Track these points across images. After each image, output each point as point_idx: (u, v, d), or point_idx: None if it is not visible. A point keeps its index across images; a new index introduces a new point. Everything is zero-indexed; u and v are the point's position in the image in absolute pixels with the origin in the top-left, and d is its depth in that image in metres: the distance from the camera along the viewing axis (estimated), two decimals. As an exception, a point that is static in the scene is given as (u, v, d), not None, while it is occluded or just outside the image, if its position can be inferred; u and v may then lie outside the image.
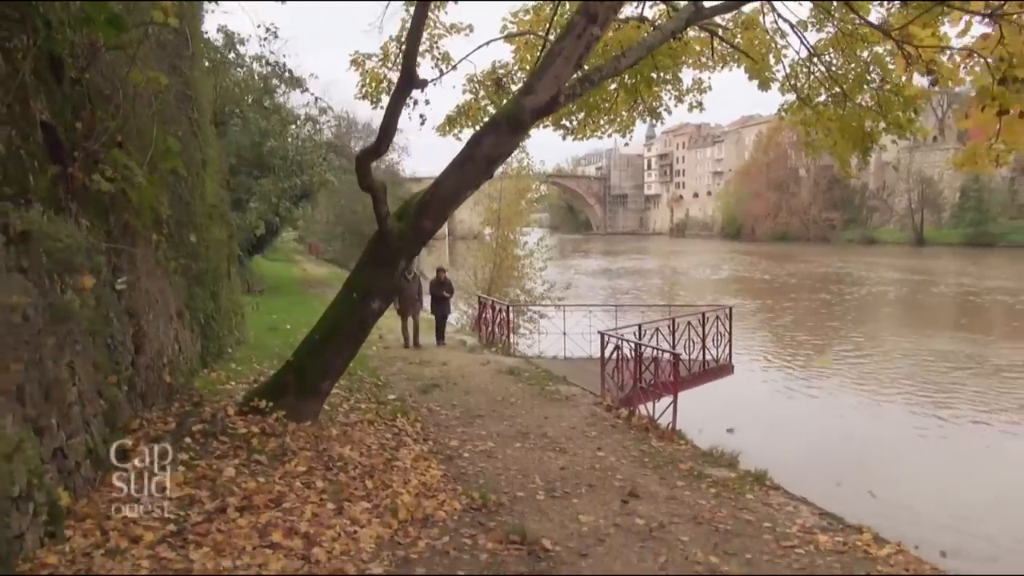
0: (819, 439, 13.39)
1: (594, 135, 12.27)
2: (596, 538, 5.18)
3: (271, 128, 21.21)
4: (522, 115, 6.59)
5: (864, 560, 4.97)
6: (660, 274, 54.97)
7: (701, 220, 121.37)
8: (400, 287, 13.22)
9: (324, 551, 4.59)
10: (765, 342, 24.44)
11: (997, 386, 18.61)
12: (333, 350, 7.14)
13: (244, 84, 20.76)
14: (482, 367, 11.63)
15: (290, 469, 6.00)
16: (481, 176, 6.92)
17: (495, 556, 4.79)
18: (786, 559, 4.93)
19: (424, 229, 7.02)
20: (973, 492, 11.02)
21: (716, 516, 5.65)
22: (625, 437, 7.84)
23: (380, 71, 10.31)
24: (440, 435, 7.70)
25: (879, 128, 10.27)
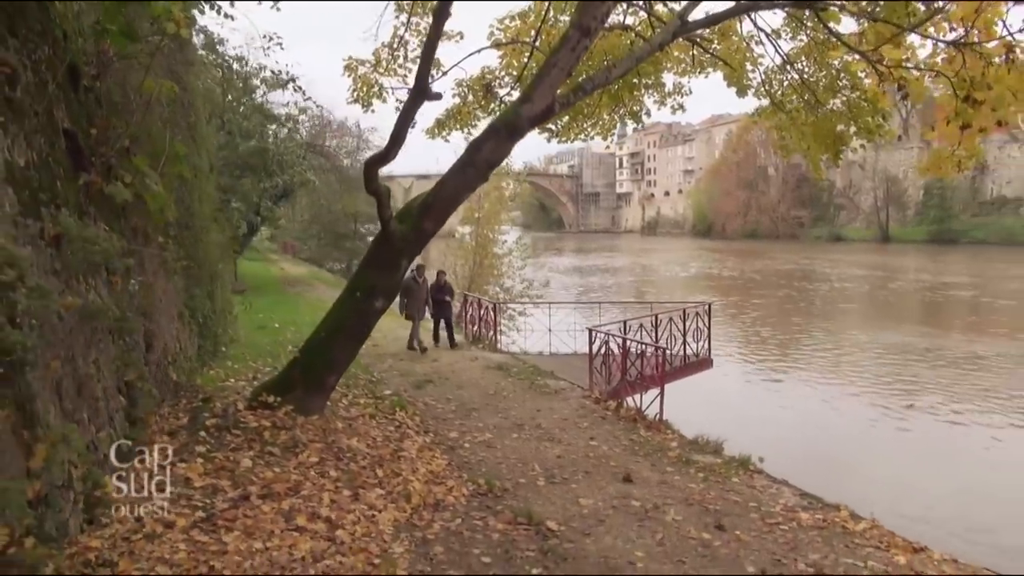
0: (792, 428, 14.03)
1: (578, 138, 12.67)
2: (596, 519, 5.57)
3: (252, 128, 21.32)
4: (520, 123, 6.96)
5: (842, 534, 5.42)
6: (631, 272, 55.70)
7: (672, 218, 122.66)
8: (410, 289, 13.39)
9: (347, 533, 4.92)
10: (736, 337, 25.14)
11: (957, 377, 19.51)
12: (338, 347, 7.45)
13: (225, 84, 20.84)
14: (471, 363, 11.98)
15: (303, 460, 6.30)
16: (480, 180, 7.29)
17: (506, 536, 5.15)
18: (772, 535, 5.36)
19: (426, 230, 7.35)
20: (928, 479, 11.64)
21: (706, 498, 6.07)
22: (615, 427, 8.24)
23: (372, 76, 10.59)
24: (439, 427, 8.05)
25: (850, 132, 10.79)
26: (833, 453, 12.20)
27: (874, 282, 44.07)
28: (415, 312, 13.59)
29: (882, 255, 63.87)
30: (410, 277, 13.59)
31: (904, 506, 9.11)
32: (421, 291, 13.69)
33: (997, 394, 17.35)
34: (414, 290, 13.54)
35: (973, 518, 9.83)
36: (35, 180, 4.90)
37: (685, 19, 7.55)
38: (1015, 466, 12.23)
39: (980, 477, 11.71)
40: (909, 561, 4.94)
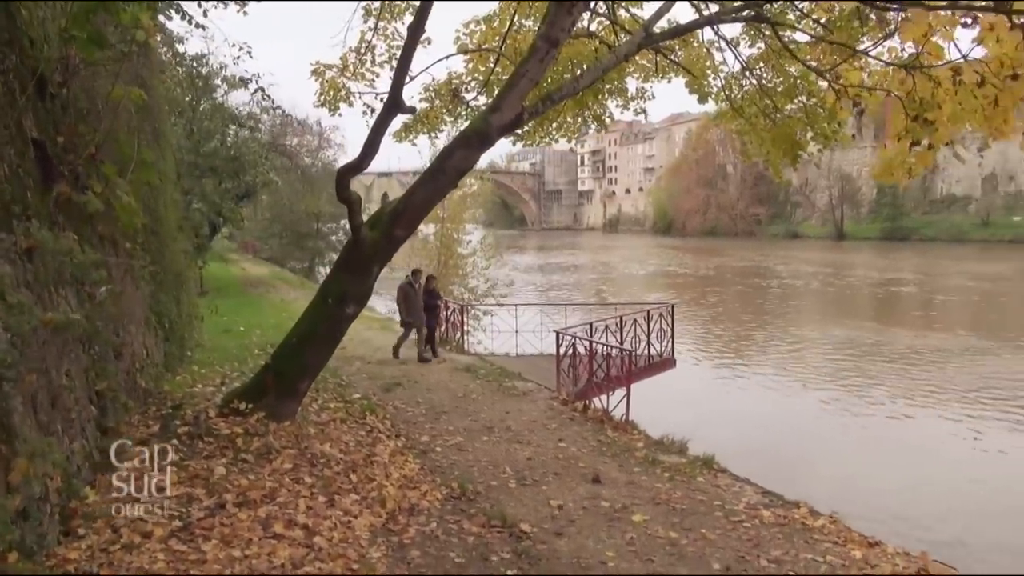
0: (751, 425, 14.46)
1: (543, 141, 12.84)
2: (568, 520, 5.74)
3: (213, 128, 21.08)
4: (489, 131, 7.09)
5: (802, 531, 5.66)
6: (592, 269, 56.25)
7: (633, 216, 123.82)
8: (407, 296, 13.03)
9: (325, 539, 5.00)
10: (693, 336, 25.88)
11: (900, 372, 20.32)
12: (310, 353, 7.49)
13: (185, 84, 20.57)
14: (439, 365, 12.08)
15: (277, 466, 6.35)
16: (451, 186, 7.41)
17: (480, 538, 5.29)
18: (736, 532, 5.58)
19: (397, 237, 7.43)
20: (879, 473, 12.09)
21: (672, 497, 6.28)
22: (583, 429, 8.43)
23: (339, 80, 10.62)
24: (410, 431, 8.14)
25: (807, 137, 11.11)
26: (789, 449, 12.63)
27: (825, 279, 45.31)
28: (417, 319, 13.01)
29: (834, 252, 65.45)
30: (406, 283, 13.34)
31: (856, 500, 9.48)
32: (419, 298, 13.17)
33: (939, 388, 18.14)
34: (412, 296, 13.06)
35: (923, 510, 10.25)
36: (7, 192, 4.90)
37: (650, 31, 7.75)
38: (958, 459, 12.81)
39: (927, 470, 12.21)
40: (865, 555, 5.19)
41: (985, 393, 17.36)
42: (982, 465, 12.55)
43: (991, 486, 11.41)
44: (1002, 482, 11.58)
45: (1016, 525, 9.93)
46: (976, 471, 12.19)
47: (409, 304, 12.97)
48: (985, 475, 11.96)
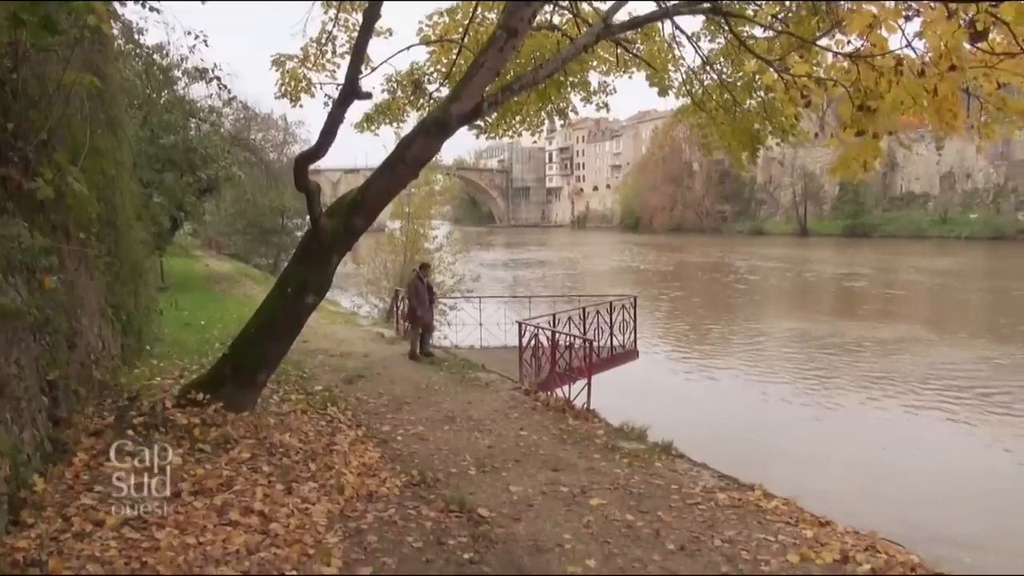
0: (710, 413, 14.84)
1: (507, 134, 12.86)
2: (526, 504, 5.78)
3: (173, 121, 20.76)
4: (449, 121, 7.10)
5: (756, 512, 5.77)
6: (559, 265, 56.54)
7: (601, 212, 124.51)
8: (417, 291, 12.76)
9: (281, 526, 4.99)
10: (654, 328, 26.42)
11: (850, 361, 21.00)
12: (269, 343, 7.45)
13: (144, 76, 20.22)
14: (403, 358, 12.07)
15: (235, 456, 6.32)
16: (410, 176, 7.40)
17: (438, 523, 5.31)
18: (691, 514, 5.68)
19: (356, 227, 7.41)
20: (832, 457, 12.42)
21: (630, 482, 6.36)
22: (544, 418, 8.48)
23: (300, 71, 10.53)
24: (371, 421, 8.13)
25: (766, 131, 11.28)
26: (746, 435, 12.92)
27: (782, 274, 46.15)
28: (429, 316, 12.75)
29: (795, 248, 66.55)
30: (416, 279, 13.09)
31: (811, 483, 9.70)
32: (427, 293, 12.90)
33: (887, 376, 18.74)
34: (423, 293, 12.77)
35: (873, 491, 10.51)
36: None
37: (609, 22, 7.82)
38: (907, 442, 13.24)
39: (878, 454, 12.57)
40: (816, 534, 5.31)
41: (924, 382, 18.05)
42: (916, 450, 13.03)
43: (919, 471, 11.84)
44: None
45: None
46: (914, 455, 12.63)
47: (421, 300, 12.68)
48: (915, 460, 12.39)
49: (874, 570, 4.73)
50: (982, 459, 12.47)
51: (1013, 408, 15.56)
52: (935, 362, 20.10)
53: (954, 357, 20.79)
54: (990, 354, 21.08)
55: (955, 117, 8.53)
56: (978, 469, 11.95)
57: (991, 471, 11.87)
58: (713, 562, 4.84)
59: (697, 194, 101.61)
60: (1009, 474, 11.77)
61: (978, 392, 16.84)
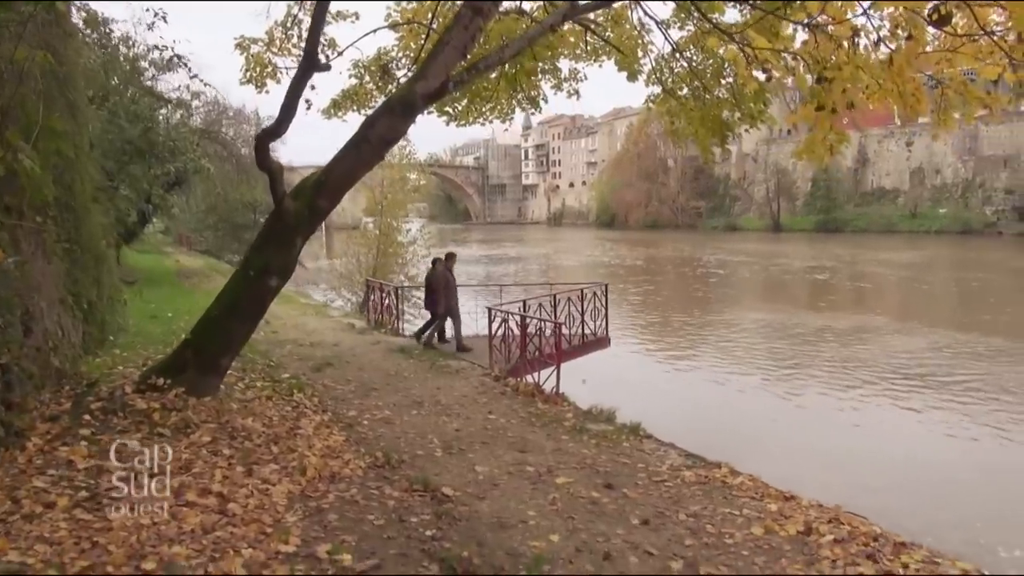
0: (679, 398, 15.01)
1: (476, 121, 12.76)
2: (492, 484, 5.73)
3: (140, 112, 20.42)
4: (414, 99, 7.00)
5: (722, 488, 5.77)
6: (532, 260, 56.54)
7: (577, 209, 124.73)
8: (448, 284, 12.72)
9: (239, 506, 4.89)
10: (624, 318, 26.56)
11: (810, 350, 21.31)
12: (232, 326, 7.32)
13: (110, 66, 19.89)
14: (373, 347, 11.95)
15: (195, 439, 6.19)
16: (375, 157, 7.29)
17: (401, 502, 5.24)
18: (657, 490, 5.66)
19: (320, 208, 7.30)
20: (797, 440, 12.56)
21: (597, 461, 6.33)
22: (513, 402, 8.43)
23: (265, 56, 10.37)
24: (338, 407, 8.03)
25: (735, 118, 11.31)
26: (712, 420, 13.03)
27: (750, 268, 46.57)
28: (456, 308, 12.76)
29: (766, 244, 67.06)
30: (444, 269, 13.06)
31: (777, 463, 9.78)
32: (454, 281, 12.93)
33: (845, 364, 19.01)
34: (452, 284, 12.77)
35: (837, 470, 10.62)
36: None
37: (575, 1, 7.77)
38: (868, 426, 13.51)
39: (844, 437, 12.72)
40: (780, 508, 5.31)
41: (879, 369, 18.33)
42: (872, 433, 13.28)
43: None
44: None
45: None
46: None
47: (450, 292, 12.63)
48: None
49: (837, 540, 4.73)
50: (930, 444, 12.69)
51: (957, 393, 15.89)
52: (892, 351, 20.42)
53: (910, 346, 21.14)
54: (944, 342, 21.46)
55: (919, 101, 8.65)
56: (925, 454, 12.15)
57: (938, 456, 12.09)
58: (677, 535, 4.82)
59: (672, 190, 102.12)
60: (953, 460, 11.99)
61: (930, 379, 17.16)
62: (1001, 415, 14.09)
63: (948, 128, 8.30)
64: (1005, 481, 10.78)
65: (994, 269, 42.70)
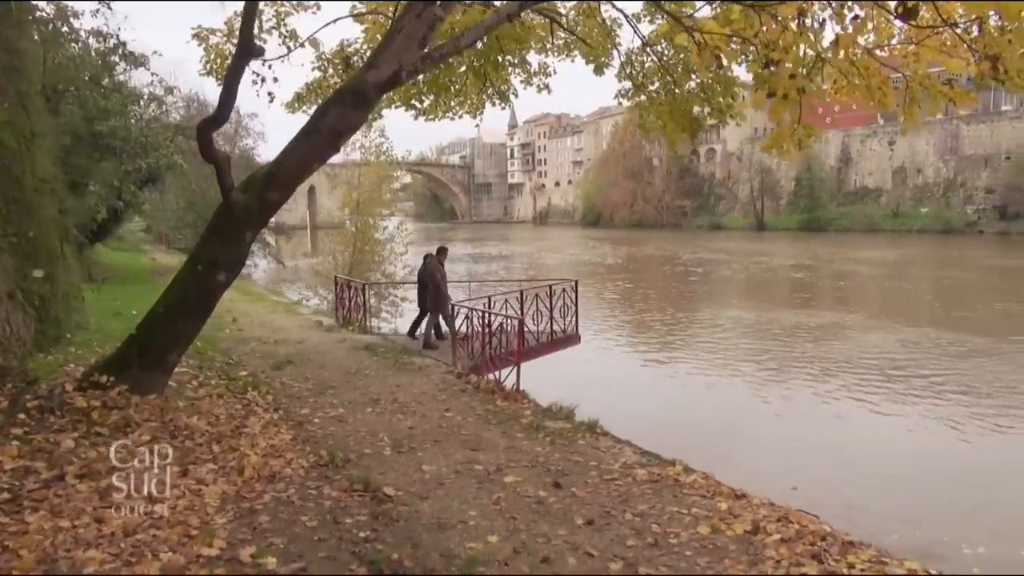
0: (644, 395, 14.94)
1: (445, 116, 12.58)
2: (437, 483, 5.56)
3: (111, 107, 20.09)
4: (365, 89, 6.82)
5: (673, 486, 5.62)
6: (515, 259, 56.42)
7: (563, 208, 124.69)
8: (435, 275, 12.64)
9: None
10: (598, 315, 26.78)
11: (784, 346, 21.39)
12: (179, 322, 7.11)
13: (79, 60, 19.52)
14: (338, 344, 11.75)
15: (134, 439, 5.97)
16: (327, 148, 7.07)
17: (339, 503, 5.06)
18: (607, 489, 5.51)
19: (270, 201, 7.10)
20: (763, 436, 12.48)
21: (549, 460, 6.17)
22: (473, 399, 8.27)
23: (225, 47, 10.16)
24: (292, 405, 7.84)
25: (705, 112, 11.20)
26: (679, 415, 12.97)
27: (729, 267, 46.55)
28: (443, 302, 12.62)
29: (749, 242, 67.14)
30: (437, 263, 13.14)
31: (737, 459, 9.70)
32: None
33: (815, 360, 19.16)
34: (442, 278, 12.76)
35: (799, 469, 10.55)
36: None
37: (530, -10, 7.61)
38: (833, 422, 13.60)
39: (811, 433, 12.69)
40: (730, 507, 5.17)
41: (848, 364, 18.50)
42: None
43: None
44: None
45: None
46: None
47: (440, 287, 12.61)
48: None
49: (784, 540, 4.60)
50: (895, 439, 12.72)
51: (917, 388, 15.99)
52: (861, 347, 20.49)
53: (878, 341, 21.24)
54: (913, 338, 21.59)
55: (886, 95, 8.60)
56: (889, 449, 12.16)
57: (902, 450, 12.12)
58: (621, 535, 4.68)
59: (657, 189, 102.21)
60: (914, 452, 12.00)
61: (895, 374, 17.23)
62: (961, 411, 14.15)
63: (914, 122, 8.28)
64: (971, 478, 10.76)
65: (971, 267, 43.02)
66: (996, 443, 12.51)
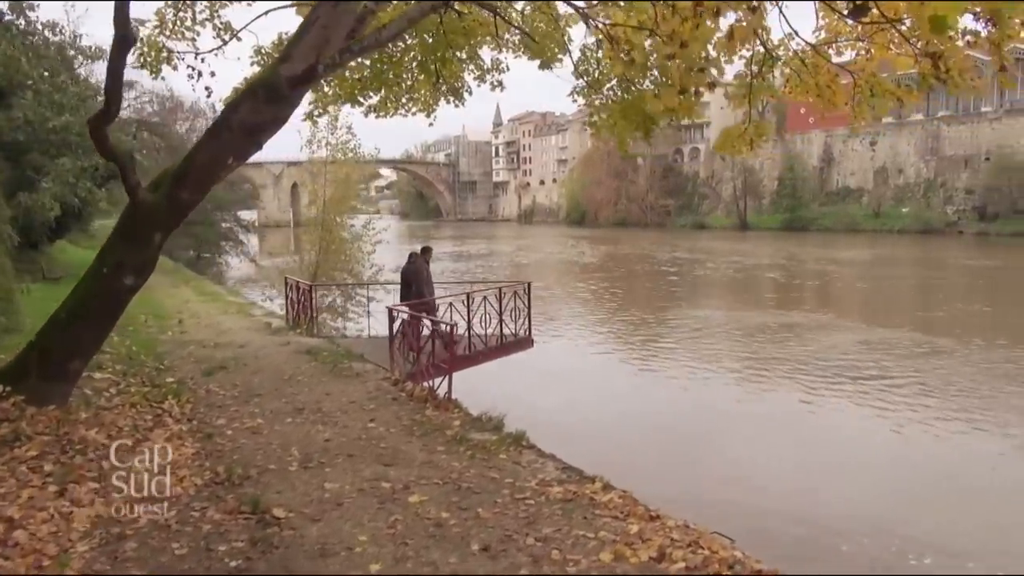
0: (588, 401, 14.58)
1: (398, 113, 12.23)
2: (335, 503, 5.22)
3: (66, 102, 19.57)
4: (278, 83, 6.47)
5: (587, 506, 5.30)
6: (492, 257, 56.05)
7: (548, 206, 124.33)
8: (419, 275, 12.26)
9: (27, 533, 4.37)
10: (560, 316, 26.48)
11: (740, 346, 21.27)
12: (82, 328, 6.74)
13: (34, 53, 19.00)
14: (281, 348, 11.37)
15: (19, 454, 5.65)
16: (240, 145, 6.71)
17: (218, 527, 4.73)
18: (514, 510, 5.18)
19: (181, 200, 6.73)
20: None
21: (463, 476, 5.84)
22: (402, 408, 7.93)
23: (158, 39, 9.77)
24: (209, 415, 7.48)
25: (659, 110, 10.89)
26: (627, 421, 12.65)
27: (706, 266, 46.23)
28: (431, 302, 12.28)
29: (728, 242, 66.84)
30: (424, 261, 12.75)
31: (667, 472, 9.45)
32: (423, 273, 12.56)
33: (774, 360, 19.06)
34: (427, 277, 12.45)
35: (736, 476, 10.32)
36: None
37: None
38: (785, 424, 13.50)
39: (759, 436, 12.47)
40: (641, 529, 4.86)
41: (805, 364, 18.38)
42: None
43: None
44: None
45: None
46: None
47: (425, 286, 12.28)
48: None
49: (688, 568, 4.30)
50: (848, 439, 12.59)
51: (879, 389, 15.86)
52: (823, 346, 20.37)
53: (838, 340, 21.12)
54: (872, 337, 21.51)
55: (835, 94, 8.38)
56: (846, 450, 11.99)
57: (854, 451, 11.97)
58: (516, 563, 4.36)
59: (641, 188, 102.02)
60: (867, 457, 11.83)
61: (851, 374, 17.16)
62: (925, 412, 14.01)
63: (862, 118, 8.11)
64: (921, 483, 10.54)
65: (947, 267, 43.11)
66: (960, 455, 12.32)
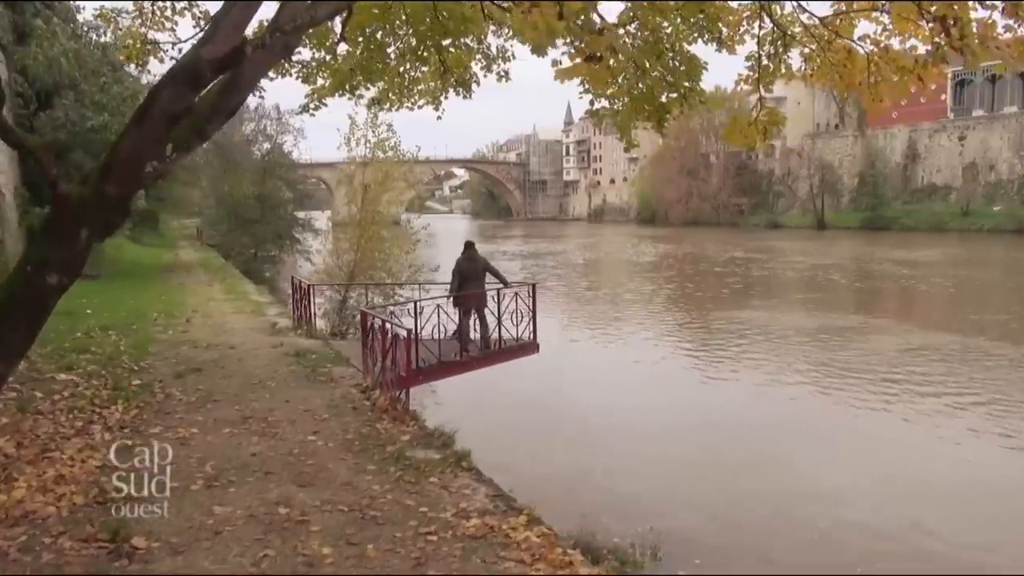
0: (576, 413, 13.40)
1: (404, 106, 11.69)
2: (212, 532, 4.67)
3: (107, 102, 19.89)
4: (199, 66, 5.90)
5: (499, 545, 4.60)
6: (545, 256, 54.57)
7: (618, 206, 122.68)
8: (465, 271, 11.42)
9: None
10: (587, 318, 25.75)
11: (790, 349, 19.82)
12: (6, 331, 6.37)
13: (76, 54, 19.37)
14: (271, 349, 10.98)
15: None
16: (162, 132, 6.21)
17: (63, 556, 4.23)
18: (409, 547, 4.51)
19: (108, 195, 6.23)
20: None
21: (375, 503, 5.21)
22: (357, 420, 7.35)
23: (140, 30, 9.47)
24: (148, 422, 7.06)
25: (672, 98, 10.06)
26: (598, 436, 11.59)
27: (761, 266, 43.68)
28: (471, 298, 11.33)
29: (803, 241, 63.53)
30: (464, 257, 11.53)
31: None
32: (475, 266, 11.52)
33: (822, 365, 17.63)
34: (470, 273, 11.34)
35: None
36: None
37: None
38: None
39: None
40: (545, 578, 4.12)
41: (847, 370, 17.02)
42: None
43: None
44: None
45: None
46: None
47: (469, 283, 11.29)
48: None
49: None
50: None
51: (911, 398, 14.44)
52: (880, 352, 18.73)
53: (886, 346, 19.37)
54: (925, 343, 19.66)
55: (851, 72, 7.67)
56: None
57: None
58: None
59: (713, 187, 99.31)
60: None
61: (884, 379, 15.86)
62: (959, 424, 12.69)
63: (878, 98, 7.35)
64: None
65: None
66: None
